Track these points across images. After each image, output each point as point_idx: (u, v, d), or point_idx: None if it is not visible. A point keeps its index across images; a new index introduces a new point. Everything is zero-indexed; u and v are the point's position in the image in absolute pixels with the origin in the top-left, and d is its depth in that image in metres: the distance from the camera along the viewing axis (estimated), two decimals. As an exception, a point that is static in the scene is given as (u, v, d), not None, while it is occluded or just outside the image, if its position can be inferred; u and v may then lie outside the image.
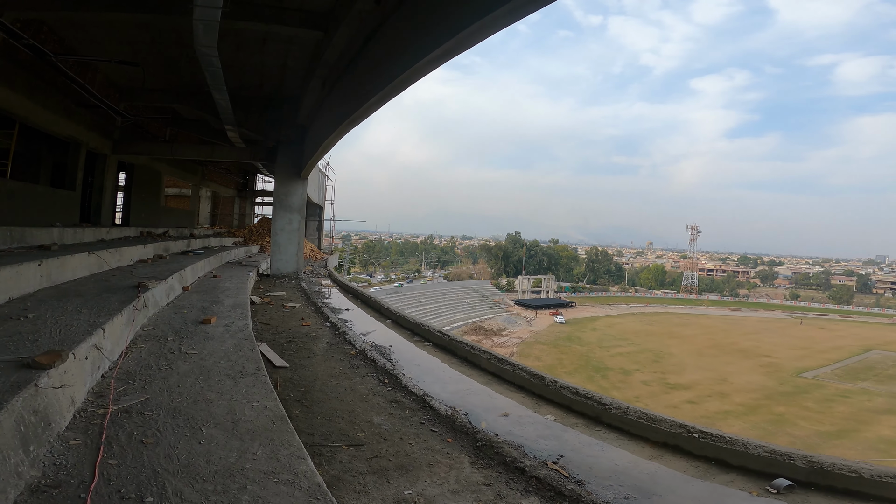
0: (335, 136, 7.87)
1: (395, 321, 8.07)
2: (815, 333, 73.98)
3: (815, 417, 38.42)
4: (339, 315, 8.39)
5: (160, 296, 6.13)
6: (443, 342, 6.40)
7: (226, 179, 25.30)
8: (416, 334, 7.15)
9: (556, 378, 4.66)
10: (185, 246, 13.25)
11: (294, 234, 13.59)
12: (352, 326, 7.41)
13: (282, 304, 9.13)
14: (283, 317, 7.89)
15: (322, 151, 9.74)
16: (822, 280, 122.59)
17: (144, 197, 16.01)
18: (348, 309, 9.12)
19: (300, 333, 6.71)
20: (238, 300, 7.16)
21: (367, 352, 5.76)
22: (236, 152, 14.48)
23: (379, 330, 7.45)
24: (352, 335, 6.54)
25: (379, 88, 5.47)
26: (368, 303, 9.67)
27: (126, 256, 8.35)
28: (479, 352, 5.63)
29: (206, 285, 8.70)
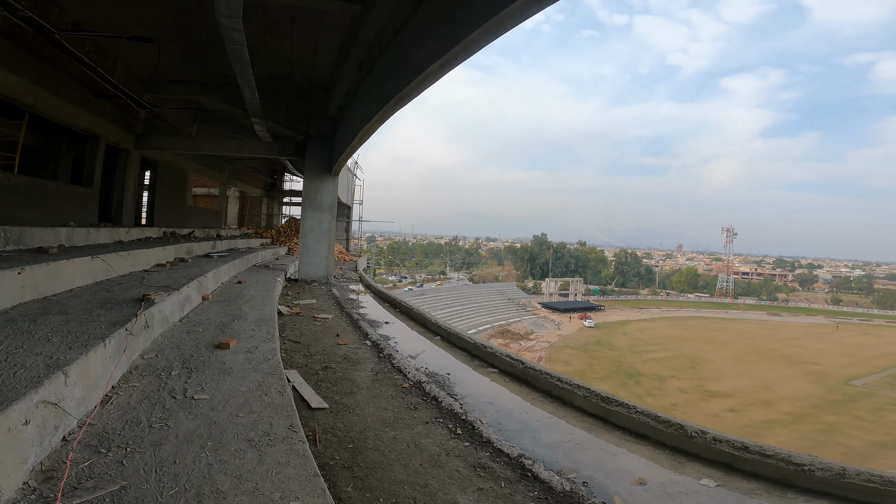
0: (376, 120, 6.70)
1: (446, 339, 6.84)
2: (861, 339, 69.95)
3: (868, 427, 35.85)
4: (378, 330, 7.22)
5: (171, 310, 5.06)
6: (514, 370, 5.14)
7: (254, 179, 24.62)
8: (475, 356, 5.91)
9: (703, 427, 3.38)
10: (210, 248, 12.36)
11: (324, 236, 12.55)
12: (396, 346, 6.23)
13: (313, 315, 8.02)
14: (315, 332, 6.76)
15: (358, 142, 8.61)
16: (865, 284, 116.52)
17: (170, 196, 15.25)
18: (387, 322, 7.95)
19: (337, 356, 5.55)
20: (264, 313, 6.06)
21: (423, 384, 4.55)
22: (263, 147, 13.54)
23: (428, 350, 6.24)
24: (399, 359, 5.34)
25: (439, 54, 4.27)
26: (410, 315, 8.49)
27: (141, 260, 7.37)
28: (571, 386, 4.36)
29: (228, 293, 7.66)
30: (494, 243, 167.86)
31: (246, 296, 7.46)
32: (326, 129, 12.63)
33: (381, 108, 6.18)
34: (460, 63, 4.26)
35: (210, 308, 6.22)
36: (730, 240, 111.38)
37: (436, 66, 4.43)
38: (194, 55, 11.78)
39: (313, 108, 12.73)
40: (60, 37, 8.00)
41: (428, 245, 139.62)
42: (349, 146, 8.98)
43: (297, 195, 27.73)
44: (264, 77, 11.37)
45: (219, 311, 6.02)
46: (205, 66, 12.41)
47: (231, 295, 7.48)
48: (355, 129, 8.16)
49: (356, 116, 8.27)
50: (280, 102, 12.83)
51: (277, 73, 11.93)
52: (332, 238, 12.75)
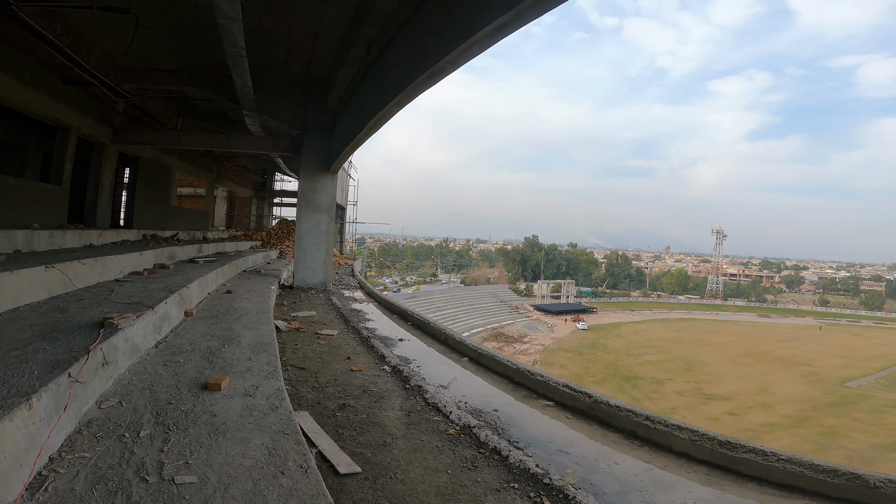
0: (395, 104, 5.67)
1: (476, 360, 5.81)
2: (852, 341, 70.34)
3: (869, 429, 35.60)
4: (394, 349, 6.18)
5: (143, 334, 3.99)
6: (578, 404, 4.15)
7: (243, 178, 23.37)
8: (520, 385, 4.90)
9: (889, 476, 2.43)
10: (195, 251, 11.20)
11: (322, 238, 11.46)
12: (420, 371, 5.20)
13: (315, 331, 6.96)
14: (321, 354, 5.70)
15: (367, 133, 7.58)
16: (851, 286, 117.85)
17: (151, 195, 14.03)
18: (402, 339, 6.90)
19: (353, 387, 4.50)
20: (261, 334, 4.99)
21: (472, 428, 3.54)
22: (256, 142, 12.41)
23: (460, 377, 5.21)
24: (432, 392, 4.32)
25: (501, 10, 3.26)
26: (426, 330, 7.44)
27: (112, 268, 6.25)
28: (668, 426, 3.40)
29: (217, 306, 6.56)
30: (485, 245, 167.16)
31: (237, 310, 6.37)
32: (325, 122, 11.56)
33: (403, 88, 5.16)
34: (531, 19, 3.25)
35: (194, 327, 5.14)
36: (720, 242, 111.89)
37: (494, 27, 3.43)
38: (180, 40, 10.66)
39: (311, 100, 11.65)
40: (18, 8, 6.88)
41: (419, 247, 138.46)
42: (355, 138, 7.92)
43: (289, 195, 26.52)
44: (258, 65, 10.29)
45: (205, 332, 4.94)
46: (192, 54, 11.29)
47: (220, 309, 6.39)
48: (364, 117, 7.12)
49: (366, 104, 7.23)
50: (274, 94, 11.74)
51: (273, 60, 10.85)
52: (331, 241, 11.66)
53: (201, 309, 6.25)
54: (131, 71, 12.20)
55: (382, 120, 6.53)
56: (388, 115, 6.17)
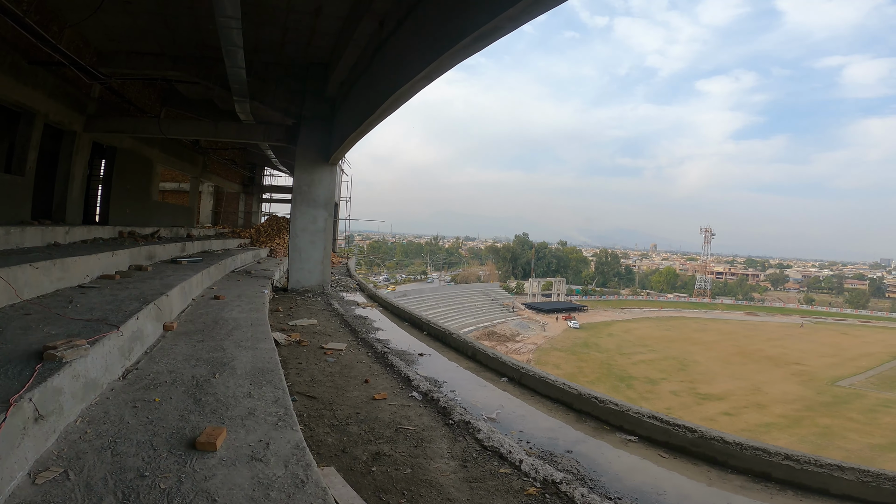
0: (421, 78, 4.72)
1: (518, 381, 4.90)
2: (840, 340, 70.91)
3: (864, 429, 35.47)
4: (416, 368, 5.25)
5: (103, 365, 3.02)
6: (678, 440, 3.28)
7: (230, 172, 22.15)
8: (584, 413, 4.00)
9: None
10: (178, 250, 10.13)
11: (319, 236, 10.46)
12: (457, 398, 4.28)
13: (319, 344, 6.00)
14: (332, 376, 4.74)
15: (377, 118, 6.62)
16: (835, 284, 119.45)
17: (130, 190, 12.86)
18: (422, 353, 5.96)
19: (382, 424, 3.57)
20: (260, 355, 4.03)
21: (559, 485, 2.64)
22: (247, 131, 11.34)
23: (507, 405, 4.29)
24: (485, 431, 3.40)
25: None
26: (447, 341, 6.51)
27: (76, 272, 5.21)
28: (823, 467, 2.54)
29: (203, 316, 5.56)
30: (473, 242, 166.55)
31: (227, 321, 5.38)
32: (323, 111, 10.56)
33: (438, 55, 4.21)
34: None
35: (176, 347, 4.15)
36: (708, 240, 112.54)
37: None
38: (165, 19, 9.64)
39: (308, 86, 10.65)
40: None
41: (408, 245, 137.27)
42: (365, 122, 6.94)
43: (279, 191, 25.33)
44: (251, 47, 9.26)
45: (189, 354, 3.96)
46: (177, 34, 10.24)
47: (206, 320, 5.39)
48: (377, 99, 6.16)
49: (380, 83, 6.27)
50: (268, 79, 10.71)
51: (268, 41, 9.82)
52: (330, 239, 10.66)
53: (184, 321, 5.25)
54: (109, 54, 11.08)
55: (402, 99, 5.57)
56: (411, 91, 5.22)
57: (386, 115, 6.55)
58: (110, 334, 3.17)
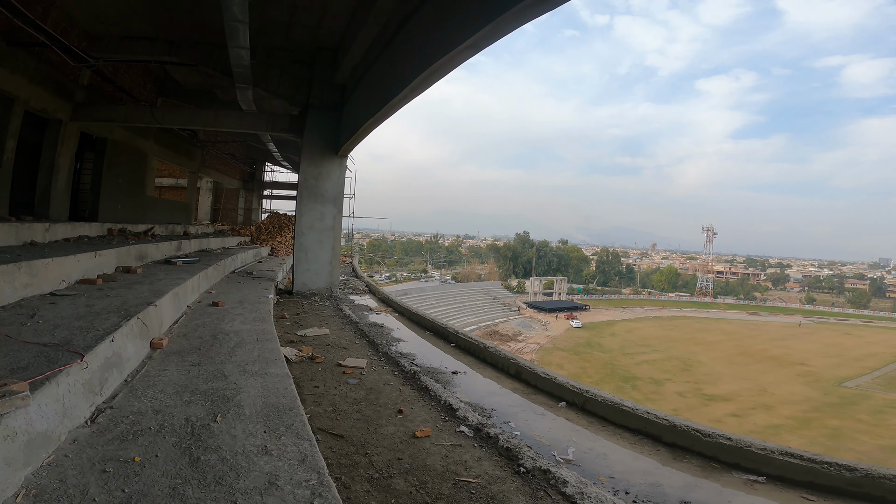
0: (467, 47, 3.91)
1: (583, 408, 4.09)
2: (843, 340, 70.31)
3: (873, 431, 34.82)
4: (455, 391, 4.44)
5: (59, 411, 2.21)
6: (827, 479, 2.48)
7: (230, 167, 21.27)
8: (679, 448, 3.20)
9: None
10: (173, 250, 9.30)
11: (327, 234, 9.64)
12: (517, 432, 3.46)
13: (336, 360, 5.18)
14: (358, 404, 3.93)
15: (400, 101, 5.82)
16: (836, 284, 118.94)
17: (122, 184, 12.00)
18: (456, 371, 5.14)
19: (434, 474, 2.77)
20: (271, 384, 3.22)
21: None
22: (249, 121, 10.49)
23: (577, 439, 3.48)
24: (573, 483, 2.59)
25: None
26: (481, 356, 5.69)
27: (47, 276, 4.40)
28: None
29: (199, 329, 4.75)
30: (473, 241, 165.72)
31: (228, 334, 4.57)
32: (333, 99, 9.75)
33: (480, 27, 3.41)
34: None
35: (165, 373, 3.34)
36: (710, 239, 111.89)
37: None
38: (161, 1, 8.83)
39: (316, 73, 9.83)
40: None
41: (407, 243, 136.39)
42: (384, 107, 6.12)
43: (280, 187, 24.45)
44: (255, 29, 8.40)
45: (182, 383, 3.14)
46: (173, 16, 9.43)
47: (204, 333, 4.58)
48: (403, 78, 5.34)
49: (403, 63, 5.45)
50: (272, 65, 9.89)
51: (274, 22, 8.98)
52: (338, 238, 9.85)
53: (177, 335, 4.43)
54: (99, 38, 10.25)
55: (437, 74, 4.73)
56: (450, 64, 4.39)
57: (413, 96, 5.71)
58: (70, 367, 2.36)
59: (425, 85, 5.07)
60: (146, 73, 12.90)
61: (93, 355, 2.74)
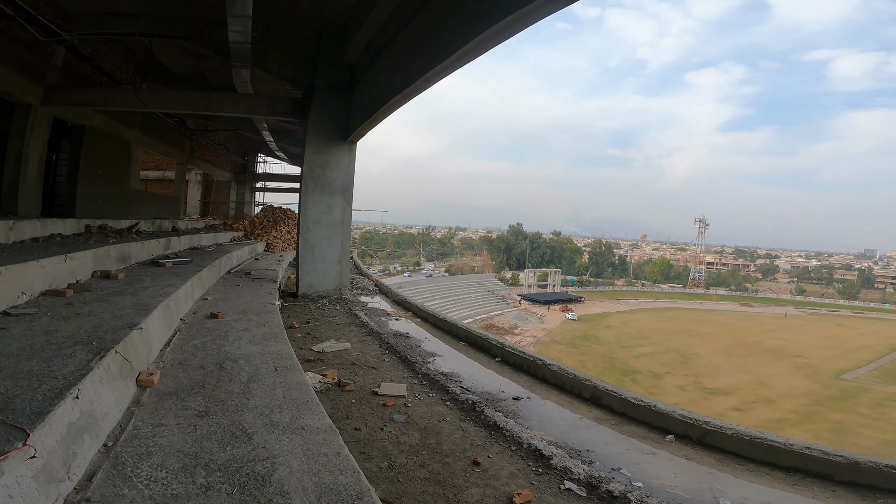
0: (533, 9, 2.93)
1: (701, 442, 3.21)
2: (836, 331, 70.58)
3: (876, 425, 34.70)
4: (528, 425, 3.50)
5: None
6: None
7: (221, 159, 20.04)
8: (858, 485, 2.30)
9: None
10: (161, 248, 8.23)
11: (336, 230, 8.64)
12: (636, 481, 2.53)
13: (368, 385, 4.23)
14: (417, 453, 2.98)
15: (434, 76, 4.81)
16: (825, 275, 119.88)
17: (102, 176, 10.85)
18: (518, 397, 4.21)
19: None
20: (313, 444, 2.24)
21: None
22: (245, 104, 9.39)
23: (729, 488, 2.56)
24: None
25: None
26: (539, 374, 4.76)
27: (2, 290, 3.37)
28: None
29: (198, 354, 3.75)
30: (465, 233, 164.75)
31: (236, 360, 3.58)
32: (341, 80, 8.71)
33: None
34: None
35: (160, 432, 2.35)
36: (702, 231, 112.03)
37: None
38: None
39: (322, 52, 8.77)
40: None
41: (399, 235, 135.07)
42: (409, 88, 5.11)
43: (274, 179, 23.23)
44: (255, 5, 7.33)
45: (188, 450, 2.16)
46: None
47: (206, 360, 3.58)
48: (437, 52, 4.33)
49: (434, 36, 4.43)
50: (273, 44, 8.80)
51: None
52: (348, 234, 8.84)
53: (170, 363, 3.44)
54: (76, 15, 9.05)
55: (486, 44, 3.75)
56: (501, 35, 3.40)
57: (457, 67, 4.68)
58: (8, 456, 1.37)
59: (479, 50, 4.05)
60: (129, 55, 11.69)
61: (45, 430, 1.76)
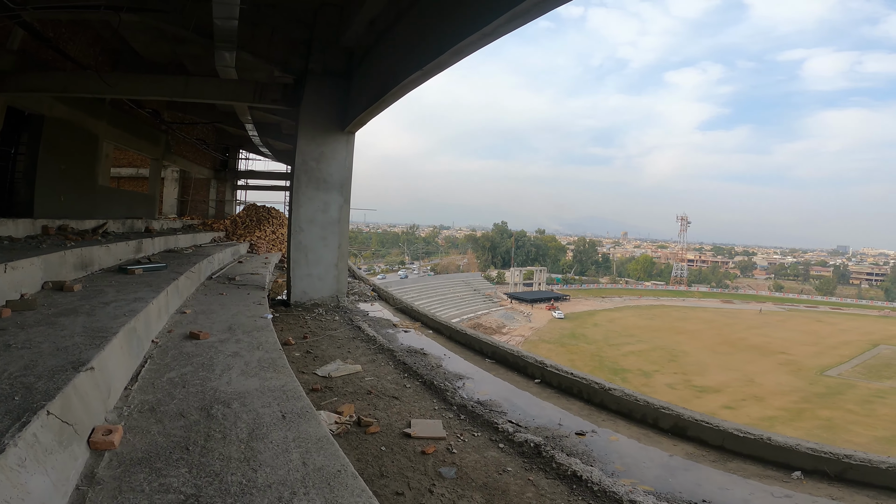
0: None
1: (838, 477, 2.45)
2: (816, 327, 71.76)
3: (865, 422, 35.01)
4: (611, 469, 2.66)
5: None
6: None
7: (199, 155, 18.81)
8: None
9: None
10: (131, 251, 7.20)
11: (332, 230, 7.71)
12: None
13: (395, 424, 3.36)
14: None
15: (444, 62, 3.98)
16: (801, 271, 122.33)
17: (66, 171, 9.71)
18: (581, 432, 3.38)
19: None
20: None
21: None
22: (230, 90, 8.35)
23: None
24: None
25: None
26: (598, 400, 3.95)
27: None
28: None
29: (175, 392, 2.82)
30: (449, 231, 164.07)
31: (228, 404, 2.68)
32: (338, 64, 7.77)
33: None
34: None
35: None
36: (684, 228, 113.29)
37: None
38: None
39: (317, 33, 7.81)
40: None
41: (383, 234, 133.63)
42: (436, 60, 4.25)
43: (257, 176, 22.02)
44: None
45: None
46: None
47: (186, 405, 2.67)
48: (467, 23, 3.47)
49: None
50: (262, 25, 7.79)
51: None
52: (346, 234, 7.91)
53: (139, 408, 2.53)
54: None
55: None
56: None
57: (485, 42, 3.84)
58: None
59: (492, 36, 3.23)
60: (96, 41, 10.55)
61: None
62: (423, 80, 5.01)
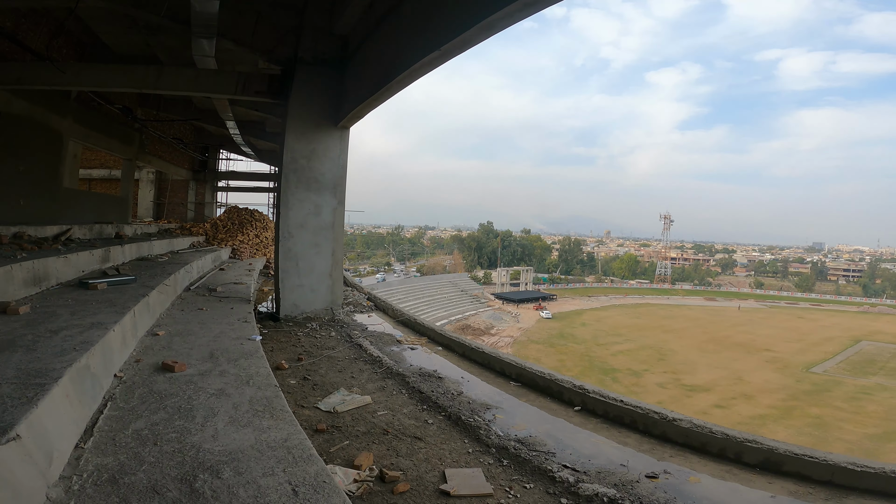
0: None
1: None
2: (798, 324, 72.77)
3: (854, 419, 35.26)
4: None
5: None
6: None
7: (176, 154, 17.80)
8: None
9: None
10: (97, 260, 6.38)
11: (326, 235, 6.97)
12: None
13: (425, 477, 2.67)
14: None
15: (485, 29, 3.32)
16: (780, 268, 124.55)
17: (25, 172, 8.79)
18: (653, 475, 2.75)
19: None
20: None
21: None
22: (209, 82, 7.54)
23: None
24: None
25: None
26: (646, 428, 3.33)
27: None
28: None
29: (143, 453, 2.10)
30: (434, 231, 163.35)
31: (215, 470, 1.97)
32: (330, 52, 7.05)
33: None
34: None
35: None
36: (668, 227, 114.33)
37: None
38: None
39: (307, 19, 7.07)
40: None
41: (368, 235, 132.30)
42: (453, 41, 3.60)
43: (239, 178, 21.00)
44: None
45: None
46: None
47: (159, 475, 1.94)
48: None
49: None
50: (245, 11, 7.02)
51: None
52: (340, 240, 7.18)
53: (94, 477, 1.85)
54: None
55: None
56: None
57: (507, 24, 3.22)
58: None
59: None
60: (59, 31, 9.62)
61: None
62: (439, 63, 4.32)
